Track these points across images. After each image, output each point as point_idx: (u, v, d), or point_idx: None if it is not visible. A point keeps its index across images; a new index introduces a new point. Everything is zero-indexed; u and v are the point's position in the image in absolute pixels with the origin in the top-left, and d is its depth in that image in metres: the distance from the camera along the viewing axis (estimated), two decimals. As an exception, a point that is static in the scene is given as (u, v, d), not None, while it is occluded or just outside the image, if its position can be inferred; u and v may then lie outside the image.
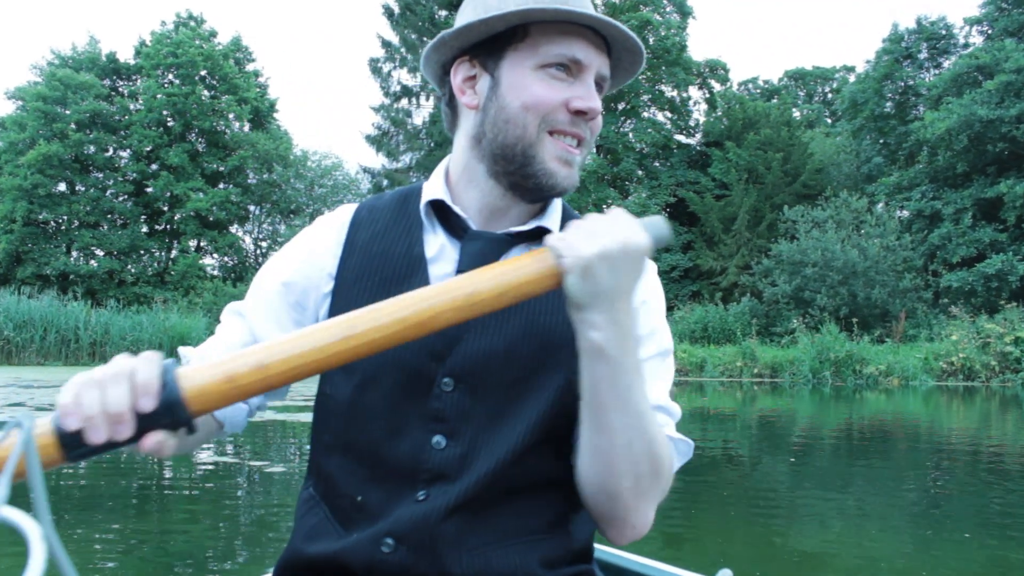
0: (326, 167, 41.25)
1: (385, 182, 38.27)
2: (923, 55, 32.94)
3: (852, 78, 42.71)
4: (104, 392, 0.84)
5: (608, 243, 0.98)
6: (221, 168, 37.88)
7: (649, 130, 33.34)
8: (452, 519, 1.13)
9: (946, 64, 32.22)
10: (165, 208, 37.39)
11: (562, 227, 1.25)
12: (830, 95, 48.88)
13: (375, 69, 37.83)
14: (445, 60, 1.25)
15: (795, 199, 29.55)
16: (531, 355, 1.16)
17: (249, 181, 39.19)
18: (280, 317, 1.26)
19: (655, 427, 1.07)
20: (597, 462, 1.08)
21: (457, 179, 1.26)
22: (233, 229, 39.75)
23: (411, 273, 1.21)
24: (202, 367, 0.88)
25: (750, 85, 46.73)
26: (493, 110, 1.18)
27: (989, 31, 30.26)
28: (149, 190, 37.16)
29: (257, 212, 40.66)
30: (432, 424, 1.15)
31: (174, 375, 0.86)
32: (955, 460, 7.85)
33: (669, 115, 35.06)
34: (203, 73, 37.83)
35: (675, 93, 34.70)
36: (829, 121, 44.25)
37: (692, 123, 35.84)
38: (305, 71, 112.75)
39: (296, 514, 1.28)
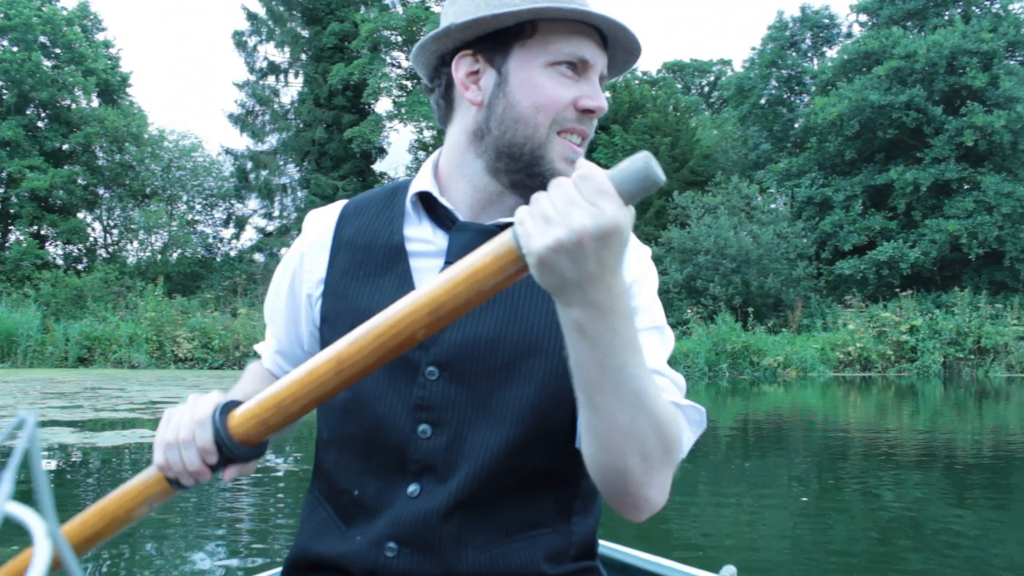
0: (184, 147, 38.06)
1: (249, 164, 36.00)
2: (807, 44, 32.86)
3: (729, 71, 42.76)
4: (181, 456, 1.02)
5: (562, 233, 0.85)
6: (64, 146, 34.34)
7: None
8: (452, 518, 1.13)
9: (829, 53, 32.31)
10: (-2, 188, 33.55)
11: None
12: (706, 88, 48.96)
13: (240, 43, 35.65)
14: (445, 52, 1.23)
15: (683, 185, 28.58)
16: (517, 341, 1.16)
17: (98, 162, 35.71)
18: (296, 323, 1.33)
19: (660, 403, 1.00)
20: (600, 443, 1.02)
21: (448, 173, 1.25)
22: (81, 214, 36.20)
23: (392, 264, 1.21)
24: (243, 410, 1.02)
25: (629, 75, 45.98)
26: (500, 107, 1.18)
27: (872, 21, 30.14)
28: (-21, 168, 33.25)
29: (108, 196, 37.18)
30: (417, 413, 1.15)
31: (224, 425, 1.02)
32: (852, 455, 7.81)
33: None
34: (43, 39, 34.22)
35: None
36: (707, 113, 44.08)
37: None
38: (162, 43, 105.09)
39: (302, 513, 1.29)
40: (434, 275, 1.10)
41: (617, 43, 1.22)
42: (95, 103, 35.97)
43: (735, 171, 29.20)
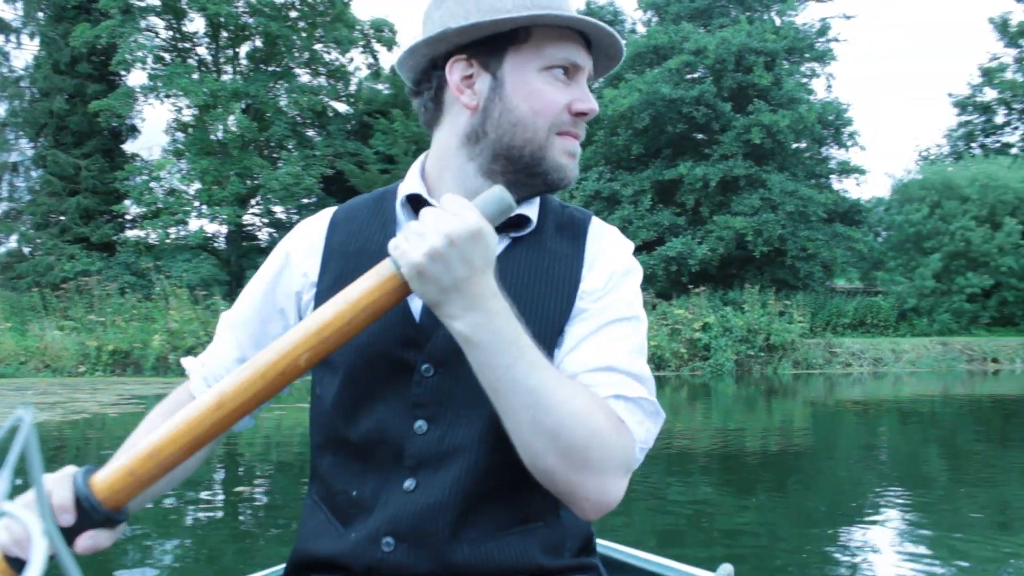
0: None
1: (-33, 137, 31.22)
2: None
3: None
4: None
5: (433, 241, 0.98)
6: None
7: (305, 94, 28.89)
8: (447, 512, 1.15)
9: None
10: None
11: (541, 211, 1.30)
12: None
13: (-40, -4, 30.91)
14: (437, 55, 1.26)
15: (467, 176, 27.12)
16: None
17: None
18: (267, 327, 1.31)
19: (566, 399, 1.05)
20: (516, 443, 1.08)
21: (438, 176, 1.29)
22: None
23: None
24: (111, 465, 0.95)
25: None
26: (497, 111, 1.22)
27: (656, 18, 30.00)
28: None
29: None
30: (414, 410, 1.19)
31: (87, 483, 0.94)
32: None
33: (327, 81, 31.10)
34: None
35: (337, 55, 30.82)
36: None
37: (353, 88, 32.11)
38: None
39: (301, 517, 1.31)
40: None
41: (600, 48, 1.27)
42: None
43: (521, 163, 28.12)
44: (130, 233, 29.43)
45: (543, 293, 1.22)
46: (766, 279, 24.23)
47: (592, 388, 1.14)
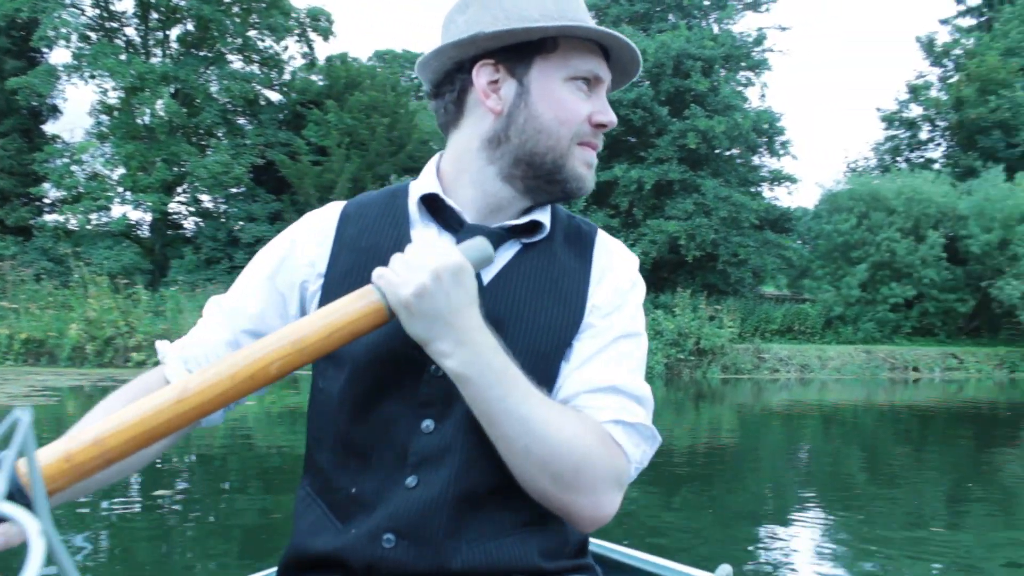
0: None
1: None
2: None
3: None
4: None
5: (421, 277, 1.04)
6: None
7: (237, 81, 28.18)
8: (448, 511, 1.16)
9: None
10: None
11: (552, 218, 1.31)
12: (416, 78, 47.70)
13: None
14: (464, 59, 1.26)
15: (401, 171, 26.73)
16: (516, 343, 1.18)
17: None
18: (265, 313, 1.28)
19: (557, 426, 1.09)
20: (511, 467, 1.12)
21: (454, 177, 1.30)
22: None
23: None
24: (46, 449, 0.85)
25: (338, 62, 43.60)
26: (522, 118, 1.23)
27: (598, 19, 29.98)
28: None
29: None
30: (421, 410, 1.19)
31: (12, 464, 0.78)
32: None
33: (260, 69, 30.41)
34: None
35: (271, 43, 30.16)
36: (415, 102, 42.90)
37: (287, 77, 31.44)
38: None
39: (295, 511, 1.30)
40: None
41: (618, 63, 1.29)
42: None
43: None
44: (48, 217, 28.35)
45: (551, 303, 1.23)
46: (697, 284, 24.40)
47: (594, 409, 1.17)
